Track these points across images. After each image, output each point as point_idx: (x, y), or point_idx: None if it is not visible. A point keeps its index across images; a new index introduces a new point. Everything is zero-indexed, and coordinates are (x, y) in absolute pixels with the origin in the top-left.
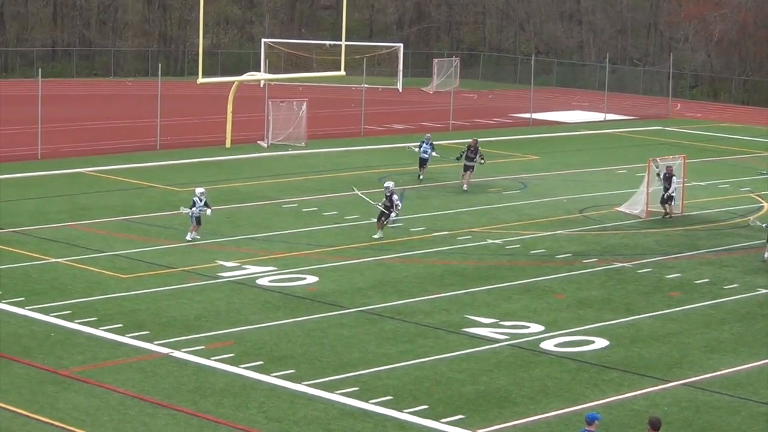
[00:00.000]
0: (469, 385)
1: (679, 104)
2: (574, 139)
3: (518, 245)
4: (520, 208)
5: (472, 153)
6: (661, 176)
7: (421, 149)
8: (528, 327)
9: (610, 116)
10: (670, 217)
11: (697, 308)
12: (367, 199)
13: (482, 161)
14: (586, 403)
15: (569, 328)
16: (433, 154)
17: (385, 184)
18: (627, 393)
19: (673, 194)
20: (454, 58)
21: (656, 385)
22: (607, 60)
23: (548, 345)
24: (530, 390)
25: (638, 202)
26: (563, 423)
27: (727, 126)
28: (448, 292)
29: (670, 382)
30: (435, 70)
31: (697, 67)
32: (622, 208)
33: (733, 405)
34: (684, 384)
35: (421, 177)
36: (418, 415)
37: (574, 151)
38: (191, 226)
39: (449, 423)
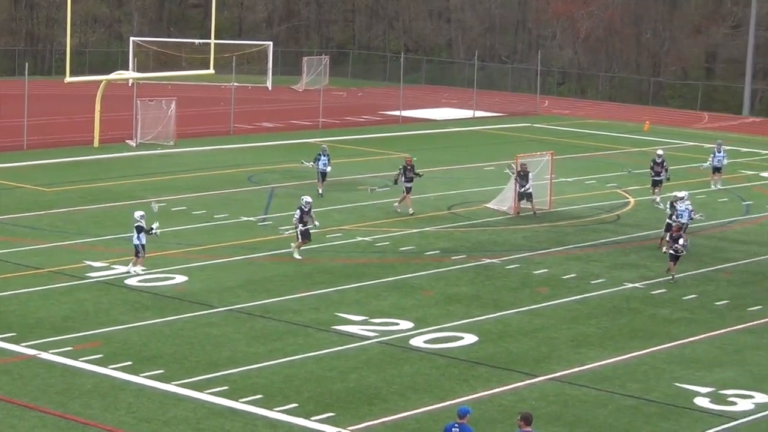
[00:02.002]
0: (338, 382)
1: (547, 101)
2: (443, 136)
3: (387, 242)
4: (388, 206)
5: (410, 172)
6: (513, 174)
7: (320, 162)
8: (397, 324)
9: (479, 113)
10: (535, 214)
11: (564, 303)
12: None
13: (420, 174)
14: (455, 398)
15: (438, 325)
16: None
17: (306, 200)
18: (495, 388)
19: (530, 191)
20: (323, 56)
21: (524, 380)
22: (475, 57)
23: (418, 341)
24: (400, 386)
25: (506, 199)
26: (432, 419)
27: (594, 122)
28: (317, 290)
29: (538, 376)
30: (304, 68)
31: (565, 65)
32: (490, 205)
33: (600, 398)
34: (551, 378)
35: (320, 192)
36: (288, 414)
37: (443, 148)
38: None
39: (319, 421)
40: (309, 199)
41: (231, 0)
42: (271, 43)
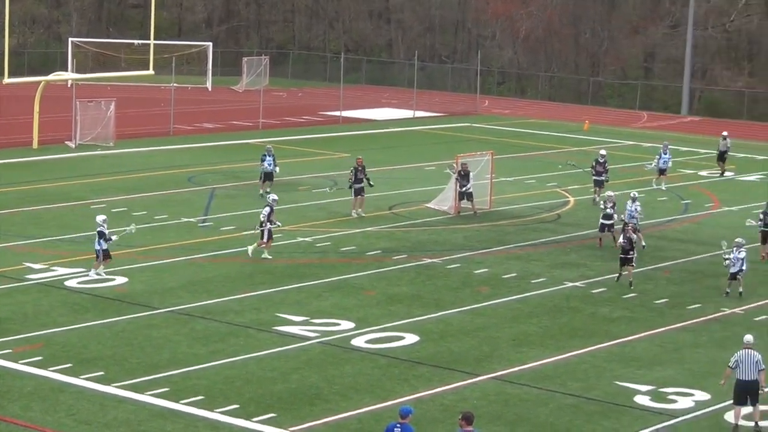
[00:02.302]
0: (280, 383)
1: (487, 101)
2: (383, 136)
3: (328, 243)
4: (329, 206)
5: (360, 174)
6: (454, 173)
7: (265, 162)
8: (339, 324)
9: (419, 113)
10: (475, 214)
11: (505, 302)
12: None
13: (371, 184)
14: (396, 398)
15: (379, 325)
16: (276, 169)
17: (274, 197)
18: (437, 388)
19: (471, 190)
20: (263, 57)
21: (465, 380)
22: (415, 58)
23: (359, 342)
24: (341, 387)
25: (447, 199)
26: (374, 419)
27: (534, 122)
28: (258, 290)
29: (480, 376)
30: (244, 69)
31: (505, 64)
32: (431, 205)
33: (541, 397)
34: (493, 377)
35: (262, 193)
36: (229, 415)
37: (383, 148)
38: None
39: (261, 422)
40: (276, 197)
41: (170, 0)
42: (210, 43)
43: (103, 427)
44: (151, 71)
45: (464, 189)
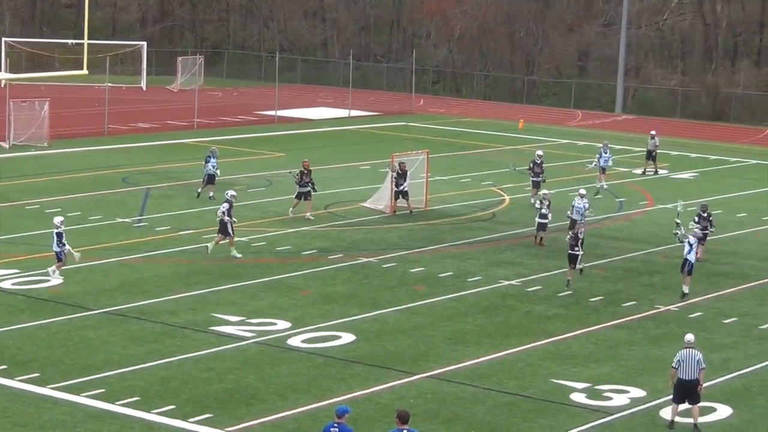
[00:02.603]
0: (216, 383)
1: (422, 100)
2: (319, 135)
3: (264, 242)
4: (265, 206)
5: (307, 177)
6: (394, 173)
7: (209, 164)
8: (275, 324)
9: (355, 112)
10: (410, 212)
11: (441, 301)
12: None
13: (315, 189)
14: (333, 398)
15: (316, 324)
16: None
17: (232, 193)
18: (373, 387)
19: (407, 189)
20: (198, 56)
21: (402, 378)
22: (350, 57)
23: (295, 341)
24: (278, 386)
25: (382, 198)
26: (311, 418)
27: (469, 121)
28: (194, 291)
29: (416, 374)
30: (179, 68)
31: (440, 63)
32: (366, 204)
33: (477, 395)
34: (429, 376)
35: (210, 194)
36: (165, 416)
37: (319, 147)
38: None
39: (197, 422)
40: (234, 192)
41: (104, 0)
42: (145, 43)
43: (38, 429)
44: (85, 71)
45: (401, 188)
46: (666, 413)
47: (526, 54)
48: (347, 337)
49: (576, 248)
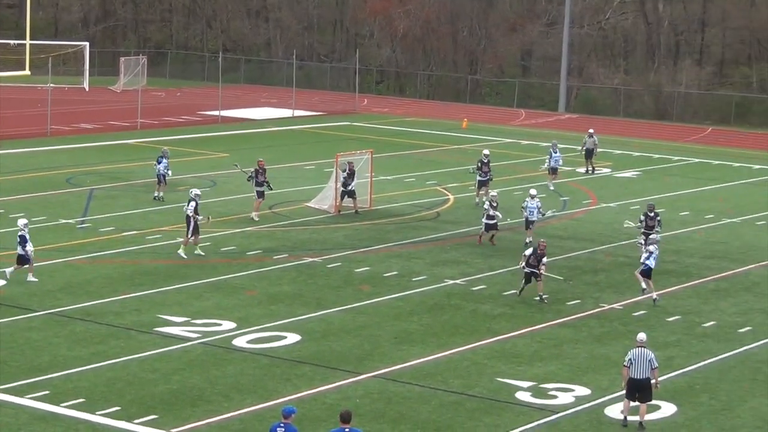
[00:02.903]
0: (162, 384)
1: (366, 99)
2: (262, 135)
3: (208, 243)
4: (210, 206)
5: (261, 177)
6: (345, 173)
7: (161, 164)
8: (220, 324)
9: (299, 112)
10: (356, 212)
11: (386, 301)
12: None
13: (271, 188)
14: (279, 398)
15: (261, 324)
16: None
17: (197, 192)
18: (319, 387)
19: (353, 188)
20: (141, 57)
21: (348, 378)
22: (294, 57)
23: (240, 342)
24: (223, 387)
25: (327, 198)
26: (257, 419)
27: (413, 120)
28: (138, 291)
29: (362, 374)
30: (122, 69)
31: (383, 63)
32: (311, 204)
33: (423, 395)
34: (375, 376)
35: (158, 194)
36: (110, 417)
37: (263, 147)
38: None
39: (142, 423)
40: (198, 191)
41: (46, 0)
42: (87, 43)
43: None
44: (27, 72)
45: (349, 187)
46: (610, 411)
47: (470, 53)
48: (293, 338)
49: (536, 268)
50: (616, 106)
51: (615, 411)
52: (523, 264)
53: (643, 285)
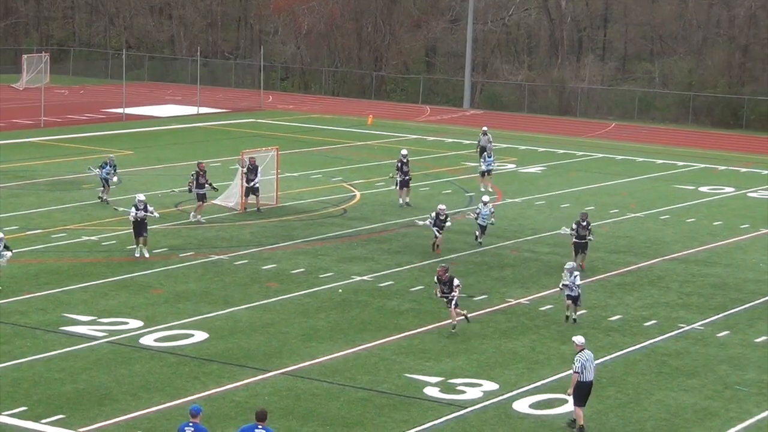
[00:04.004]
0: (68, 384)
1: (271, 96)
2: (167, 133)
3: (114, 241)
4: (114, 204)
5: (202, 179)
6: (244, 168)
7: (103, 170)
8: (127, 323)
9: (204, 109)
10: (258, 210)
11: (293, 298)
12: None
13: (215, 188)
14: (187, 396)
15: (168, 323)
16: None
17: (140, 198)
18: (228, 384)
19: (257, 185)
20: (43, 54)
21: (256, 376)
22: (198, 54)
23: (147, 340)
24: (131, 386)
25: (233, 195)
26: (165, 417)
27: (318, 117)
28: (43, 291)
29: (270, 371)
30: (24, 66)
31: (288, 60)
32: (217, 201)
33: (332, 391)
34: (283, 373)
35: (103, 198)
36: (17, 417)
37: (167, 145)
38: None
39: (49, 423)
40: (142, 197)
41: None
42: None
43: None
44: None
45: (252, 184)
46: (518, 406)
47: (374, 50)
48: (200, 335)
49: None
50: (521, 101)
51: (523, 405)
52: (436, 292)
53: (568, 314)
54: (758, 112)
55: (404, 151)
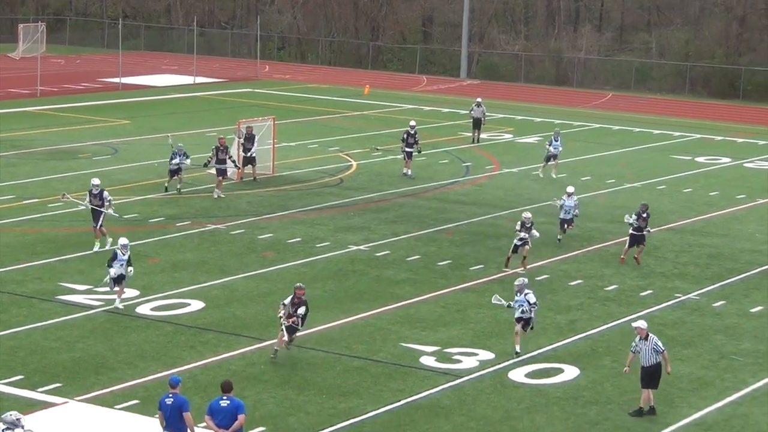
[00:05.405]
0: (65, 352)
1: (267, 66)
2: (164, 102)
3: (110, 211)
4: (111, 173)
5: (223, 155)
6: (241, 138)
7: (173, 161)
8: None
9: (200, 79)
10: (255, 179)
11: (290, 267)
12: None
13: (237, 165)
14: (183, 365)
15: (165, 292)
16: None
17: (94, 182)
18: (224, 353)
19: (254, 155)
20: (39, 23)
21: (252, 345)
22: (194, 23)
23: (144, 309)
24: (127, 355)
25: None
26: (161, 386)
27: (315, 87)
28: (40, 260)
29: (266, 341)
30: (21, 36)
31: (284, 29)
32: (213, 171)
33: (327, 360)
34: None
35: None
36: (14, 386)
37: (164, 114)
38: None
39: (46, 392)
40: (97, 181)
41: None
42: None
43: None
44: None
45: (249, 153)
46: (514, 375)
47: (371, 20)
48: (196, 305)
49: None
50: (517, 72)
51: (519, 375)
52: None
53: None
54: (755, 82)
55: (412, 123)
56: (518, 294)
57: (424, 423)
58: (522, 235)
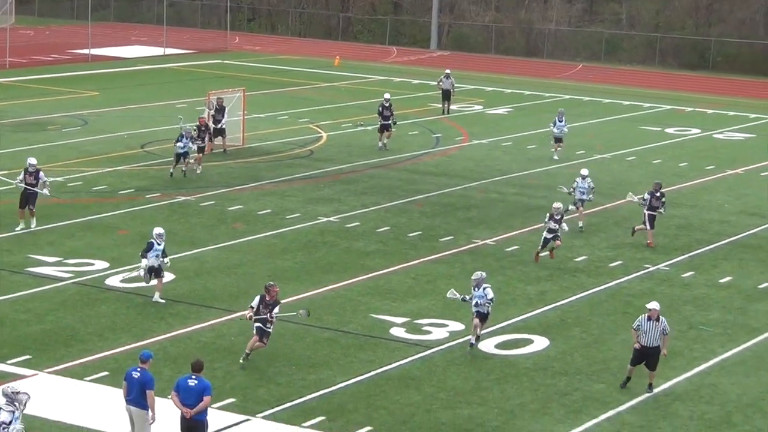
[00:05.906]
0: (34, 324)
1: (237, 37)
2: (133, 74)
3: (80, 182)
4: (80, 145)
5: (204, 134)
6: (212, 110)
7: (180, 143)
8: (93, 264)
9: (170, 51)
10: (225, 151)
11: (260, 239)
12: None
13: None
14: (153, 337)
15: (134, 264)
16: None
17: (31, 161)
18: (194, 325)
19: (224, 127)
20: None
21: (222, 317)
22: None
23: (114, 281)
24: (97, 327)
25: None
26: (131, 358)
27: (285, 58)
28: (8, 232)
29: (236, 312)
30: None
31: (255, 1)
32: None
33: (297, 332)
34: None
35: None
36: None
37: (134, 86)
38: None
39: (16, 364)
40: (33, 161)
41: None
42: None
43: None
44: None
45: (219, 125)
46: (483, 346)
47: None
48: (166, 276)
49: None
50: (488, 43)
51: (488, 345)
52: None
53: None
54: (725, 53)
55: (387, 95)
56: (476, 288)
57: (395, 394)
58: (552, 225)
